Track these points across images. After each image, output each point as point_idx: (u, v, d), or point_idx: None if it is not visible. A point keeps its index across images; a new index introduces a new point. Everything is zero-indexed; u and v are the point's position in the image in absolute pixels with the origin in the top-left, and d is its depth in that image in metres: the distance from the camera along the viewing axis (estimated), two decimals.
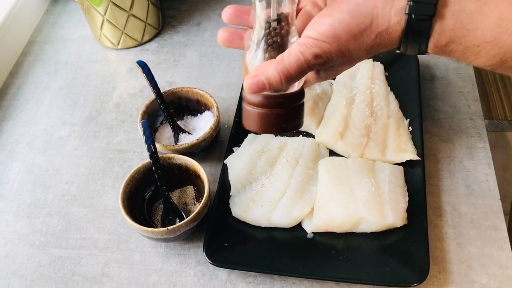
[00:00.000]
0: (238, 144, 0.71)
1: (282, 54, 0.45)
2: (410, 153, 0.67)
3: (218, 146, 0.74)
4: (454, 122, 0.74)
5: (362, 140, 0.69)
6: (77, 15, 1.00)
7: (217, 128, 0.69)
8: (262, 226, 0.63)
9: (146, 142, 0.62)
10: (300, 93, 0.49)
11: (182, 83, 0.85)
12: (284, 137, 0.70)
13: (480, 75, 1.18)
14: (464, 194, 0.66)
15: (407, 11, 0.42)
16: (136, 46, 0.92)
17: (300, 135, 0.72)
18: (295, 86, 0.48)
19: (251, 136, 0.71)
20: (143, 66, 0.69)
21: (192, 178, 0.67)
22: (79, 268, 0.64)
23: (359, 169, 0.64)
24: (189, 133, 0.73)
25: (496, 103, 1.13)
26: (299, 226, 0.63)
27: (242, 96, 0.50)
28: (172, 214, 0.65)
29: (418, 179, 0.65)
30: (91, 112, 0.82)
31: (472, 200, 0.65)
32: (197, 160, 0.64)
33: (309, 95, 0.73)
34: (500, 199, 0.65)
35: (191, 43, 0.92)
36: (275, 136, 0.71)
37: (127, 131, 0.79)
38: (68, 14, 1.00)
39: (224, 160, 0.70)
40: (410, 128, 0.70)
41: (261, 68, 0.45)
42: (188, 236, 0.63)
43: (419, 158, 0.66)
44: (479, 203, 0.65)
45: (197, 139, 0.67)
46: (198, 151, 0.68)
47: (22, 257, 0.66)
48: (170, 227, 0.58)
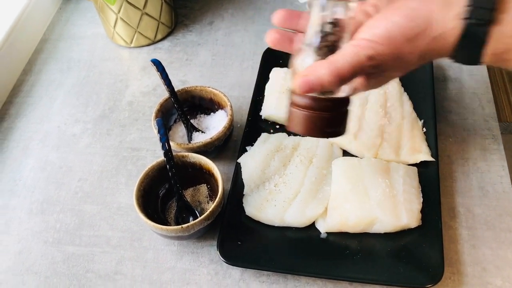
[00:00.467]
0: (251, 143, 0.71)
1: (334, 54, 0.44)
2: (424, 154, 0.67)
3: (231, 145, 0.74)
4: (468, 123, 0.73)
5: (376, 141, 0.68)
6: (89, 13, 1.00)
7: (230, 126, 0.69)
8: (276, 225, 0.63)
9: (161, 140, 0.62)
10: (347, 99, 0.49)
11: (194, 82, 0.85)
12: (298, 136, 0.70)
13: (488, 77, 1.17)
14: (478, 195, 0.66)
15: (464, 16, 0.41)
16: (149, 45, 0.92)
17: None
18: (344, 91, 0.48)
19: (264, 135, 0.71)
20: (158, 64, 0.69)
21: (206, 177, 0.67)
22: (93, 265, 0.64)
23: (373, 169, 0.64)
24: (202, 131, 0.73)
25: (505, 106, 1.13)
26: (312, 226, 0.63)
27: (290, 99, 0.49)
28: (186, 212, 0.65)
29: (432, 180, 0.65)
30: (104, 110, 0.83)
31: (486, 202, 0.65)
32: (210, 159, 0.65)
33: None
34: None
35: (204, 42, 0.92)
36: (288, 135, 0.71)
37: (140, 129, 0.79)
38: (80, 12, 1.01)
39: (237, 159, 0.70)
40: (424, 129, 0.70)
41: (312, 67, 0.45)
42: (201, 235, 0.63)
43: (433, 159, 0.66)
44: (493, 205, 0.65)
45: (211, 138, 0.67)
46: (212, 149, 0.68)
47: (36, 254, 0.66)
48: (184, 225, 0.58)
